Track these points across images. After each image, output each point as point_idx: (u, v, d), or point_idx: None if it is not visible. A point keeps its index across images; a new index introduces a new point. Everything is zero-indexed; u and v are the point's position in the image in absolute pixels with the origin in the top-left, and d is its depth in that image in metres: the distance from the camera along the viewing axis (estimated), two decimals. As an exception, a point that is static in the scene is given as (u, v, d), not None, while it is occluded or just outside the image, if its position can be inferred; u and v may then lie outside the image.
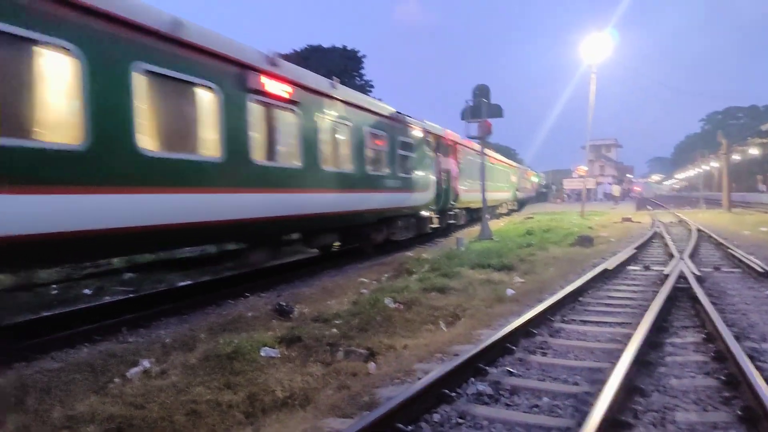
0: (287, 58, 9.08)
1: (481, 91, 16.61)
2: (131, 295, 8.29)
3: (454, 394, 3.79)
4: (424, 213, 15.36)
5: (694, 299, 6.50)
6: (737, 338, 4.67)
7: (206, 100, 6.93)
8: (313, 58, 42.69)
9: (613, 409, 3.24)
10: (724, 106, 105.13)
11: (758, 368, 3.90)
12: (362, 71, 49.79)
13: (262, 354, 4.84)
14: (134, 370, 4.67)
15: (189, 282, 9.42)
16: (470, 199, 20.56)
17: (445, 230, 18.04)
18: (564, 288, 7.29)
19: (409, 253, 13.05)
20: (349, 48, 49.12)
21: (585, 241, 14.14)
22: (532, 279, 9.04)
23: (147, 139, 5.98)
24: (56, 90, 5.18)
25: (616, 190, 53.19)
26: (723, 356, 4.35)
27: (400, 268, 10.32)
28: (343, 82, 10.55)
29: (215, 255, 9.75)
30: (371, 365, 4.71)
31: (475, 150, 21.06)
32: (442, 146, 17.66)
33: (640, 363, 4.28)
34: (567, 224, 20.41)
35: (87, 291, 8.77)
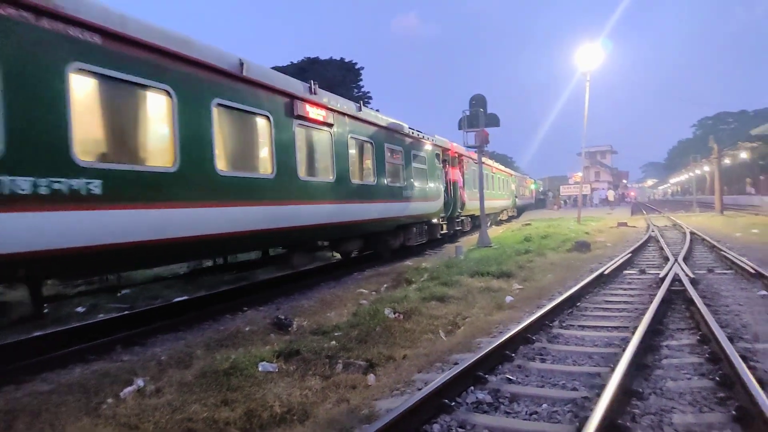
0: (284, 70, 10.06)
1: (478, 101, 16.77)
2: (126, 312, 8.26)
3: (453, 403, 3.80)
4: (435, 220, 16.41)
5: (689, 301, 6.55)
6: (731, 339, 4.71)
7: (263, 126, 8.17)
8: (311, 70, 42.91)
9: (611, 413, 3.26)
10: (715, 112, 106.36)
11: (751, 368, 3.94)
12: (360, 82, 50.06)
13: (260, 369, 4.84)
14: (128, 389, 4.61)
15: (185, 297, 9.41)
16: (475, 207, 20.69)
17: (453, 236, 19.12)
18: (562, 294, 7.32)
19: (408, 263, 13.08)
20: (347, 60, 49.39)
21: (582, 246, 14.20)
22: (531, 285, 9.07)
23: (222, 162, 7.15)
24: (158, 124, 6.38)
25: (611, 195, 53.77)
26: (717, 357, 4.39)
27: (399, 278, 10.34)
28: (341, 93, 11.22)
29: (260, 260, 10.59)
30: (370, 377, 4.72)
31: (486, 164, 24.33)
32: (449, 158, 18.80)
33: (637, 366, 4.31)
34: (564, 230, 20.46)
35: (80, 309, 8.72)
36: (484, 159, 21.71)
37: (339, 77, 44.94)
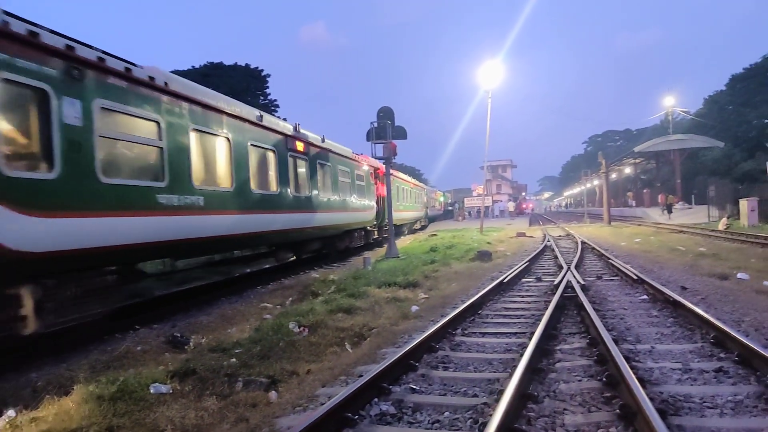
0: (186, 74, 12.46)
1: (386, 114, 16.98)
2: None
3: (357, 416, 3.74)
4: (370, 227, 20.48)
5: (580, 306, 6.98)
6: (616, 341, 5.05)
7: (271, 157, 11.78)
8: (213, 75, 41.42)
9: (508, 418, 3.35)
10: (603, 130, 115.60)
11: (633, 368, 4.24)
12: (267, 90, 48.98)
13: (152, 391, 4.49)
14: (-3, 421, 4.13)
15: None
16: (399, 217, 27.07)
17: (381, 242, 22.06)
18: (465, 302, 7.53)
19: (315, 275, 12.89)
20: (252, 66, 48.16)
21: (484, 256, 14.78)
22: (436, 294, 9.26)
23: (254, 183, 10.62)
24: (223, 158, 9.65)
25: (511, 206, 57.21)
26: (604, 359, 4.68)
27: (305, 290, 10.16)
28: (245, 101, 12.36)
29: (256, 255, 15.06)
30: (272, 394, 4.54)
31: (401, 178, 29.90)
32: (379, 176, 21.55)
33: (533, 371, 4.49)
34: (468, 240, 21.24)
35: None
36: (397, 172, 27.61)
37: (244, 84, 43.76)
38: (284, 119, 12.90)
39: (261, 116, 11.27)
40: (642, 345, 5.38)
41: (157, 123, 7.74)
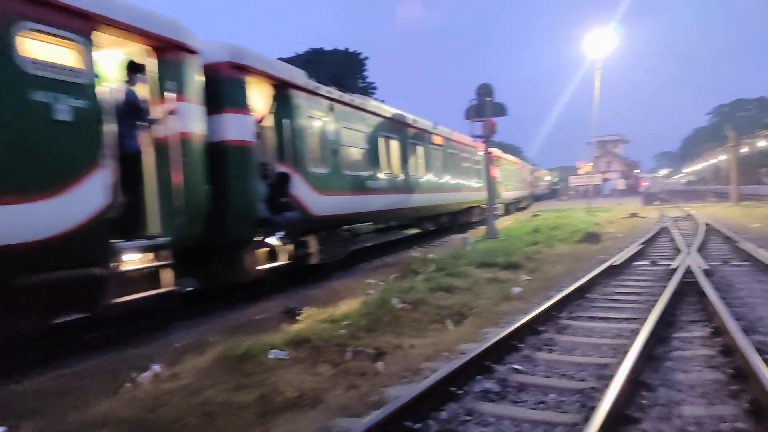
0: (290, 61, 12.81)
1: (485, 90, 16.58)
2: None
3: (461, 391, 3.83)
4: (483, 205, 22.24)
5: (702, 293, 6.50)
6: (745, 332, 4.66)
7: (420, 151, 15.58)
8: (315, 61, 42.82)
9: (619, 404, 3.27)
10: (732, 99, 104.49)
11: (766, 361, 3.91)
12: (365, 73, 49.82)
13: (271, 356, 4.89)
14: (145, 374, 4.71)
15: (194, 288, 9.49)
16: (507, 197, 30.35)
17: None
18: (571, 285, 7.31)
19: (415, 254, 13.10)
20: (351, 50, 49.13)
21: (592, 237, 14.14)
22: (539, 276, 9.06)
23: (412, 171, 14.69)
24: (396, 155, 13.67)
25: (621, 184, 53.92)
26: (730, 350, 4.36)
27: (406, 268, 10.35)
28: (344, 85, 13.34)
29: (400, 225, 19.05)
30: (379, 365, 4.76)
31: (509, 160, 33.32)
32: (491, 160, 23.72)
33: (647, 358, 4.31)
34: (574, 221, 20.36)
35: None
36: (503, 155, 31.29)
37: (343, 68, 44.78)
38: (382, 101, 13.24)
39: (415, 120, 15.12)
40: (776, 337, 4.92)
41: (365, 133, 11.88)
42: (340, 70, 42.72)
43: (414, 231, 19.18)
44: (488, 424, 3.41)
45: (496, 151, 25.68)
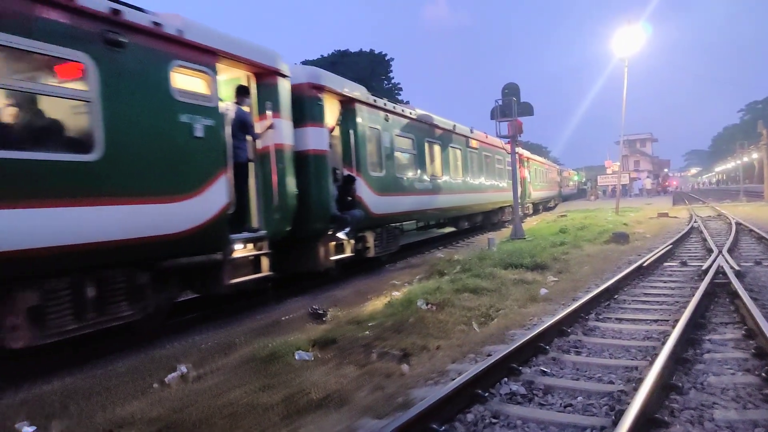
0: (315, 63, 13.60)
1: (511, 90, 16.42)
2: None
3: (487, 394, 3.82)
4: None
5: (734, 294, 6.34)
6: (779, 334, 4.54)
7: (459, 154, 16.68)
8: (340, 63, 43.07)
9: (648, 407, 3.22)
10: (765, 95, 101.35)
11: (801, 364, 3.81)
12: (390, 74, 49.93)
13: (297, 357, 4.95)
14: (172, 375, 4.80)
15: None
16: (536, 197, 31.32)
17: (522, 218, 22.57)
18: (599, 286, 7.21)
19: (440, 255, 13.06)
20: (377, 52, 49.28)
21: (620, 238, 13.88)
22: (566, 278, 8.95)
23: (454, 174, 16.00)
24: (438, 158, 14.91)
25: (648, 183, 53.55)
26: (764, 352, 4.25)
27: (432, 269, 10.32)
28: (369, 86, 13.18)
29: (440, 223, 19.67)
30: (405, 366, 4.77)
31: (537, 161, 33.48)
32: (522, 161, 24.41)
33: (677, 360, 4.23)
34: (601, 221, 20.02)
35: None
36: (534, 156, 32.60)
37: (369, 70, 44.94)
38: (407, 102, 13.21)
39: (455, 126, 16.24)
40: (813, 341, 4.77)
41: (411, 139, 13.01)
42: (365, 72, 42.91)
43: (448, 230, 20.01)
44: (515, 426, 3.39)
45: (525, 152, 27.50)
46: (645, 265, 9.00)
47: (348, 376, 4.53)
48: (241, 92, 7.37)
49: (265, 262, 7.42)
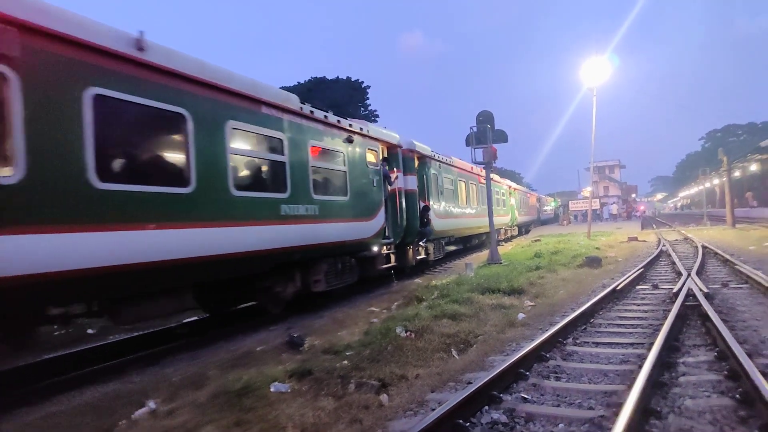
0: (292, 90, 14.88)
1: (486, 118, 16.72)
2: (137, 334, 8.27)
3: (468, 424, 3.77)
4: (505, 228, 29.45)
5: (705, 317, 6.46)
6: (750, 355, 4.62)
7: (474, 188, 21.85)
8: (317, 89, 43.41)
9: (629, 432, 3.21)
10: (723, 124, 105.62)
11: (774, 385, 3.86)
12: (367, 101, 50.44)
13: (273, 389, 4.81)
14: (140, 411, 4.60)
15: (196, 318, 9.41)
16: (521, 220, 35.87)
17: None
18: (575, 310, 7.27)
19: (419, 281, 13.04)
20: (353, 78, 49.82)
21: (593, 262, 14.09)
22: (543, 302, 9.00)
23: (460, 202, 19.59)
24: (451, 188, 18.82)
25: (614, 208, 56.32)
26: (737, 374, 4.31)
27: (410, 295, 10.28)
28: (346, 113, 13.03)
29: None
30: (383, 397, 4.68)
31: (521, 190, 39.12)
32: (512, 192, 29.76)
33: (654, 384, 4.25)
34: (574, 246, 20.32)
35: (90, 331, 8.74)
36: (516, 185, 36.40)
37: (346, 96, 45.35)
38: (385, 127, 13.23)
39: (473, 167, 20.25)
40: (782, 360, 4.87)
41: (451, 179, 18.36)
42: (342, 98, 43.26)
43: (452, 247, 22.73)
44: (497, 456, 3.33)
45: (512, 183, 33.94)
46: (618, 288, 9.13)
47: (325, 408, 4.41)
48: (384, 159, 12.24)
49: (392, 257, 12.36)
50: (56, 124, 4.97)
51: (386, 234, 11.93)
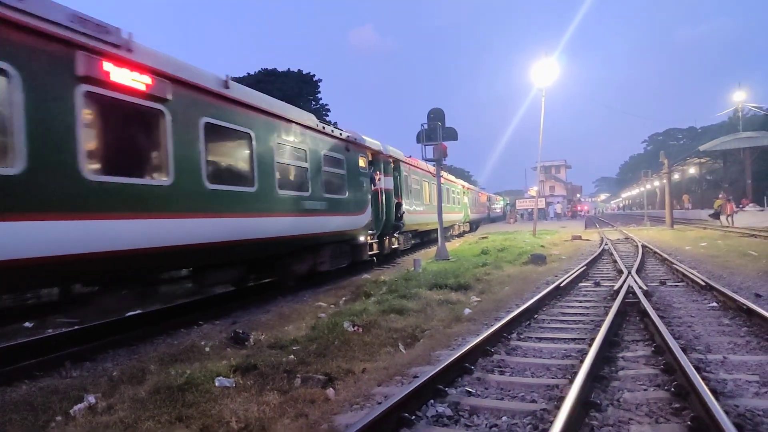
0: (242, 80, 14.51)
1: (436, 115, 16.86)
2: (76, 327, 7.86)
3: (413, 417, 3.75)
4: (459, 224, 32.79)
5: (643, 313, 6.73)
6: (684, 350, 4.84)
7: (426, 185, 22.46)
8: (267, 81, 42.55)
9: (570, 425, 3.27)
10: (665, 128, 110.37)
11: (704, 378, 4.05)
12: (318, 95, 49.87)
13: (217, 384, 4.67)
14: (78, 406, 4.40)
15: (138, 311, 9.03)
16: (473, 218, 39.66)
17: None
18: (519, 306, 7.41)
19: (367, 276, 13.01)
20: (305, 72, 49.13)
21: (538, 259, 14.47)
22: (489, 298, 9.15)
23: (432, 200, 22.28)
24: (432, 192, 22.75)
25: (558, 207, 59.14)
26: (672, 368, 4.49)
27: (358, 291, 10.25)
28: (298, 105, 13.28)
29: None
30: (330, 391, 4.61)
31: (474, 190, 43.56)
32: (467, 192, 32.96)
33: (595, 378, 4.37)
34: (520, 243, 20.85)
35: (28, 324, 8.26)
36: (470, 186, 40.95)
37: (296, 89, 44.72)
38: (335, 123, 13.37)
39: (417, 163, 20.48)
40: (713, 355, 5.12)
41: (417, 179, 20.74)
42: (293, 91, 42.58)
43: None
44: (441, 450, 3.33)
45: (465, 183, 37.57)
46: (562, 285, 9.39)
47: (270, 403, 4.31)
48: (371, 163, 14.74)
49: (374, 246, 14.60)
50: (190, 144, 7.24)
51: (371, 226, 14.28)
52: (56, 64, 5.39)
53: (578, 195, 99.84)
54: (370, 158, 14.84)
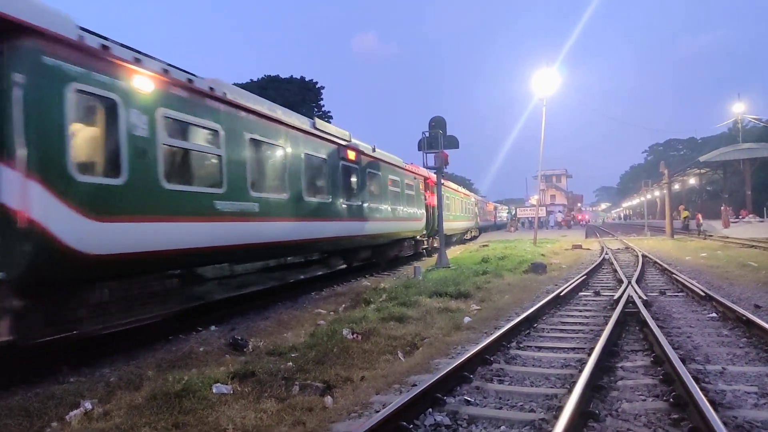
0: (246, 87, 14.04)
1: (438, 123, 16.88)
2: (74, 332, 7.82)
3: (411, 426, 3.74)
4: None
5: (643, 323, 6.71)
6: (683, 360, 4.83)
7: (453, 199, 30.12)
8: (270, 88, 42.68)
9: (568, 435, 3.26)
10: (665, 138, 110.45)
11: (703, 389, 4.04)
12: (321, 101, 50.03)
13: (214, 390, 4.65)
14: (74, 412, 4.38)
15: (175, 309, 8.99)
16: (481, 225, 44.87)
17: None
18: (519, 315, 7.40)
19: (367, 283, 13.00)
20: (307, 78, 49.31)
21: (538, 268, 14.46)
22: (488, 306, 9.13)
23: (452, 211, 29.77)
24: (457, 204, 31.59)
25: (558, 216, 59.56)
26: (671, 379, 4.48)
27: (358, 298, 10.24)
28: (300, 112, 12.39)
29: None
30: (327, 399, 4.60)
31: (480, 199, 48.95)
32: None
33: (593, 388, 4.36)
34: (521, 251, 20.83)
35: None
36: (477, 196, 46.57)
37: (299, 96, 44.88)
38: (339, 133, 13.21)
39: (447, 183, 26.31)
40: (712, 365, 5.11)
41: (452, 197, 29.59)
42: (295, 98, 42.72)
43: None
44: (439, 459, 3.32)
45: (476, 195, 44.70)
46: (562, 294, 9.38)
47: (268, 410, 4.30)
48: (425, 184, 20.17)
49: (425, 242, 20.95)
50: (239, 155, 8.29)
51: (425, 230, 20.31)
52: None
53: (579, 204, 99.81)
54: (423, 182, 20.95)
